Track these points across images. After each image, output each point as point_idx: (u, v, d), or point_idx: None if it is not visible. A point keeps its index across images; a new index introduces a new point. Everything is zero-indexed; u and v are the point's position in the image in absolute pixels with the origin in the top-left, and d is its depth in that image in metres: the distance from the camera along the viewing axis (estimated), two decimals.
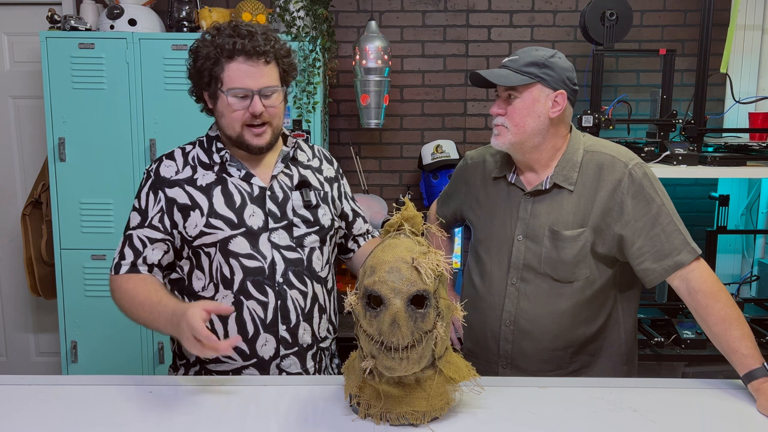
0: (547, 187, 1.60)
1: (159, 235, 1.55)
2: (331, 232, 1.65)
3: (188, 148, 1.62)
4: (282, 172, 1.61)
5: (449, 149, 3.13)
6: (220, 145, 1.59)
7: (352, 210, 1.77)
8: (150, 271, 1.56)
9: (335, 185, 1.71)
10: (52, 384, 1.43)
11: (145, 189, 1.58)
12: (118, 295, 1.53)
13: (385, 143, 3.35)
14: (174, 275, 1.62)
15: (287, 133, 1.67)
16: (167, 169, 1.58)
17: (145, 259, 1.55)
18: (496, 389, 1.37)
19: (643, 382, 1.44)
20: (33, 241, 2.95)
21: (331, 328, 1.67)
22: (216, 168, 1.57)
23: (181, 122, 2.75)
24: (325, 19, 2.85)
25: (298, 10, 2.79)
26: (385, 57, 2.98)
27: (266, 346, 1.54)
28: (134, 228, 1.56)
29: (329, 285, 1.66)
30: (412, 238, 1.23)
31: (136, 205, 1.58)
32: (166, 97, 2.75)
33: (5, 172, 3.32)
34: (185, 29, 2.85)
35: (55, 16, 2.80)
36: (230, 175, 1.57)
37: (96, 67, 2.74)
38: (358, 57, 2.99)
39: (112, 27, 2.78)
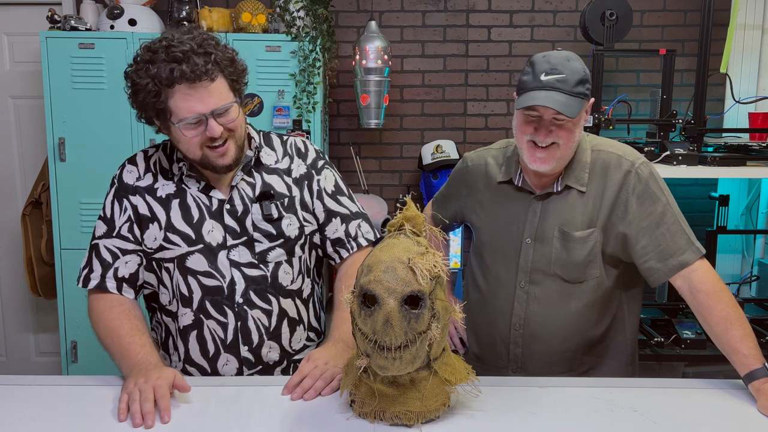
0: (559, 189, 1.57)
1: (130, 246, 1.48)
2: (302, 241, 1.54)
3: (151, 151, 1.54)
4: (243, 180, 1.50)
5: (449, 149, 3.13)
6: (180, 155, 1.48)
7: (326, 211, 1.57)
8: (119, 286, 1.47)
9: (305, 183, 1.55)
10: (52, 384, 1.43)
11: (110, 197, 1.51)
12: (95, 317, 1.46)
13: (385, 143, 3.36)
14: (146, 290, 1.55)
15: (252, 133, 1.54)
16: (129, 175, 1.50)
17: (115, 271, 1.47)
18: (495, 389, 1.37)
19: (643, 382, 1.44)
20: (33, 241, 2.95)
21: (313, 335, 1.61)
22: (176, 178, 1.49)
23: None
24: (325, 19, 2.85)
25: (298, 10, 2.79)
26: (385, 57, 2.98)
27: (227, 365, 1.49)
28: (100, 237, 1.49)
29: (305, 294, 1.57)
30: (412, 238, 1.22)
31: (102, 214, 1.51)
32: None
33: (5, 172, 3.32)
34: None
35: (55, 16, 2.80)
36: (189, 187, 1.48)
37: (96, 67, 2.74)
38: (358, 57, 2.99)
39: (112, 27, 2.78)
